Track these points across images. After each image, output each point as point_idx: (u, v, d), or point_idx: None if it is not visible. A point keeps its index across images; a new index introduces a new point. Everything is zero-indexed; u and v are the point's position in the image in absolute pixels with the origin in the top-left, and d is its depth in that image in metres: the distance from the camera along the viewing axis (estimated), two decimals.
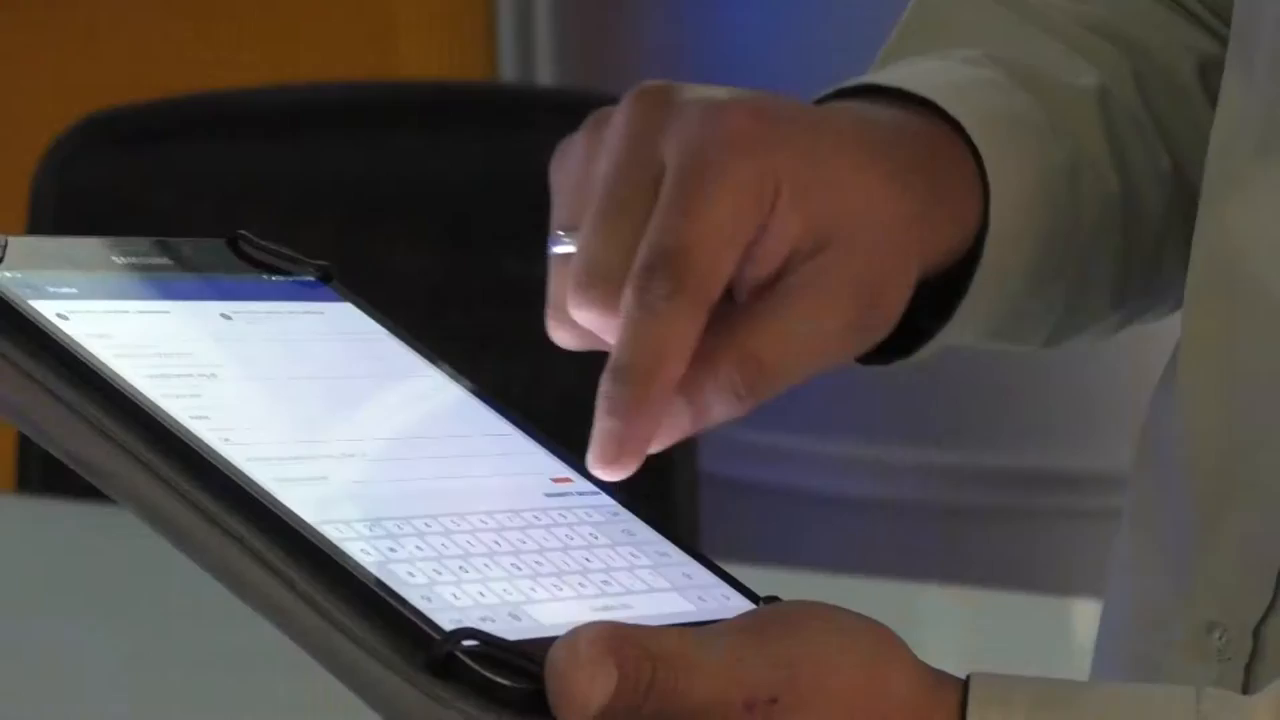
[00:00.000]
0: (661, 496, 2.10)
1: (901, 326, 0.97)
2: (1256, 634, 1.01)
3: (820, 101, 1.02)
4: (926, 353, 1.02)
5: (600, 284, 0.89)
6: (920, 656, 0.85)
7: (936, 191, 0.98)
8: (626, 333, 0.88)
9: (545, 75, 3.30)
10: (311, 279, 0.97)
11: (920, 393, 2.83)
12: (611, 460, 0.88)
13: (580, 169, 0.93)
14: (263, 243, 0.97)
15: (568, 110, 2.33)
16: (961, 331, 1.02)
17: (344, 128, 2.32)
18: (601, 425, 0.88)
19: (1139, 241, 1.10)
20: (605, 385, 0.88)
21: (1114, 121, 1.08)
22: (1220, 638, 1.02)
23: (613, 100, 2.30)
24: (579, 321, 0.91)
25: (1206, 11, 1.14)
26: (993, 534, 2.87)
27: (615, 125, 0.92)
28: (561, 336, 0.92)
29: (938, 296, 1.00)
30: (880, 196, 0.94)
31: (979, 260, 1.00)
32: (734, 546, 2.51)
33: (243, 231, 0.97)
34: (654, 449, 0.89)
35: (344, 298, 0.97)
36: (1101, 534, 1.19)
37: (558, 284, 0.92)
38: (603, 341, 0.90)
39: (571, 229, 0.92)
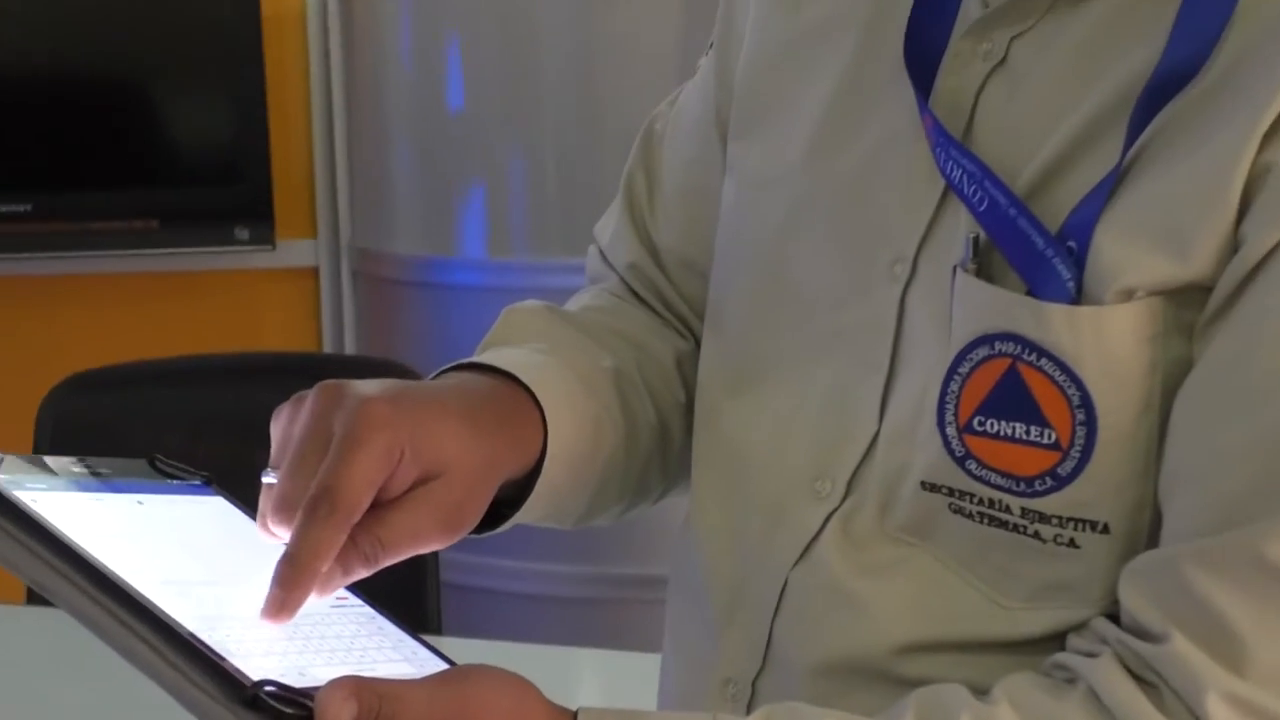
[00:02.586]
0: (417, 600, 2.07)
1: (495, 508, 0.97)
2: (754, 685, 1.00)
3: (444, 371, 1.01)
4: (506, 527, 1.00)
5: (287, 510, 0.87)
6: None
7: (510, 436, 0.97)
8: (296, 535, 0.86)
9: (350, 348, 3.26)
10: (198, 482, 0.96)
11: (579, 533, 2.82)
12: (274, 615, 0.85)
13: (286, 429, 0.90)
14: (169, 461, 0.96)
15: (365, 370, 2.33)
16: (527, 518, 1.01)
17: (228, 382, 2.29)
18: (272, 592, 0.85)
19: (635, 463, 1.09)
20: (278, 567, 0.85)
21: (623, 390, 1.07)
22: (732, 688, 1.01)
23: (399, 366, 2.22)
24: (274, 532, 0.88)
25: (690, 312, 1.14)
26: (623, 616, 2.84)
27: (307, 405, 0.90)
28: (265, 539, 0.89)
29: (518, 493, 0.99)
30: (468, 448, 0.92)
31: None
32: (466, 629, 2.49)
33: (157, 455, 0.96)
34: (315, 599, 0.86)
35: (218, 494, 0.96)
36: None
37: (264, 503, 0.89)
38: None
39: (276, 468, 0.89)
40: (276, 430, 0.91)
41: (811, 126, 1.01)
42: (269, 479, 0.89)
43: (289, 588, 0.85)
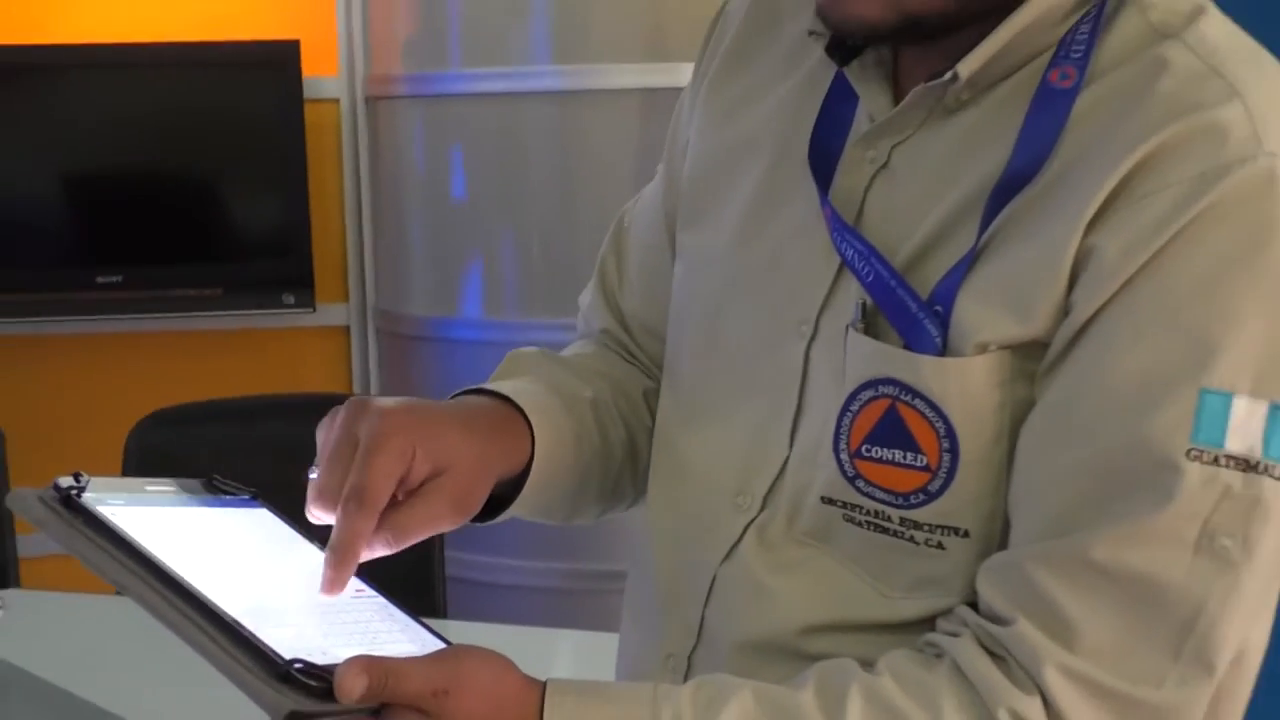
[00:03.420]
0: (424, 589, 2.06)
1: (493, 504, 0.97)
2: (690, 660, 1.00)
3: (459, 393, 1.01)
4: (503, 518, 1.00)
5: (324, 498, 0.88)
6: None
7: (502, 442, 0.97)
8: (336, 528, 0.86)
9: (374, 392, 3.23)
10: (248, 497, 0.95)
11: (561, 529, 2.80)
12: (328, 590, 0.86)
13: (326, 435, 0.90)
14: (223, 480, 0.95)
15: None
16: (520, 510, 1.00)
17: (276, 419, 2.28)
18: (325, 573, 0.86)
19: (610, 472, 1.08)
20: (327, 554, 0.86)
21: (600, 415, 1.07)
22: (672, 662, 1.00)
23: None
24: (316, 516, 0.89)
25: (651, 364, 1.13)
26: (593, 603, 2.82)
27: (340, 416, 0.90)
28: (311, 518, 0.90)
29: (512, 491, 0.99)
30: (468, 449, 0.92)
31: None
32: (467, 614, 2.48)
33: (214, 475, 0.96)
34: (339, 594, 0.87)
35: (264, 506, 0.95)
36: None
37: (310, 493, 0.90)
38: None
39: (319, 466, 0.90)
40: (320, 437, 0.91)
41: (738, 218, 1.02)
42: (313, 475, 0.90)
43: (337, 568, 0.86)
